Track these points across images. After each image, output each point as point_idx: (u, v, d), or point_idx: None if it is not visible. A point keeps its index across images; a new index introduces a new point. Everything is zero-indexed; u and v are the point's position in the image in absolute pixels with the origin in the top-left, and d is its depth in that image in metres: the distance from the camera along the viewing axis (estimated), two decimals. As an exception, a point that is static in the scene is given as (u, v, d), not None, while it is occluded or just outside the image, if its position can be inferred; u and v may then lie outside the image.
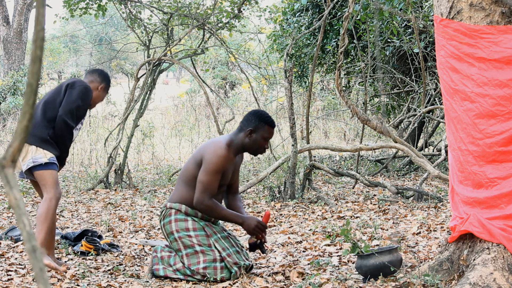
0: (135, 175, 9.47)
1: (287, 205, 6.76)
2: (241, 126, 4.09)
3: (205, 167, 3.96)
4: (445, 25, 3.61)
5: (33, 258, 1.19)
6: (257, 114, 4.08)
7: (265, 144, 4.09)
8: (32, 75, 1.22)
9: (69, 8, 8.62)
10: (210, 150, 3.99)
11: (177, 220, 4.08)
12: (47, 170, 4.22)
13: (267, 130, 4.06)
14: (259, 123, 4.05)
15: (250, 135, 4.05)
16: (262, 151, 4.12)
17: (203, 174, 3.96)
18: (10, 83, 14.55)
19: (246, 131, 4.05)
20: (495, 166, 3.47)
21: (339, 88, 6.20)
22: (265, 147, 4.11)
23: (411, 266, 4.02)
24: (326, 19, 6.99)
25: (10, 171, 1.21)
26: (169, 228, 4.09)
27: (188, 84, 21.88)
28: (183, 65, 8.47)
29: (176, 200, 4.12)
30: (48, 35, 29.55)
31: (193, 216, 4.10)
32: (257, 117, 4.06)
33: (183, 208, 4.09)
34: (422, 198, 6.75)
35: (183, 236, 4.05)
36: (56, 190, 4.22)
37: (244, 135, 4.06)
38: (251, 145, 4.06)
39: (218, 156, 3.96)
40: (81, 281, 4.02)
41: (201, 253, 4.02)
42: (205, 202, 3.95)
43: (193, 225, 4.07)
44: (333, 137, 14.53)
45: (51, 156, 4.25)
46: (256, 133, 4.05)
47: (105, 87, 4.61)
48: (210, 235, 4.07)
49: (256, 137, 4.05)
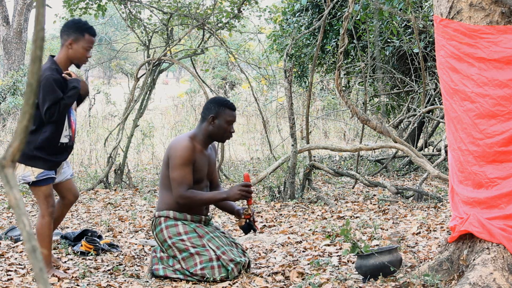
0: (135, 175, 9.47)
1: (287, 205, 6.76)
2: (203, 116, 4.15)
3: (172, 164, 3.99)
4: (445, 25, 3.61)
5: (33, 258, 1.19)
6: (216, 100, 4.16)
7: (229, 128, 4.13)
8: (32, 75, 1.22)
9: (69, 8, 8.62)
10: (173, 146, 4.04)
11: (167, 227, 4.10)
12: (37, 187, 4.08)
13: (228, 113, 4.11)
14: (219, 108, 4.11)
15: (213, 121, 4.10)
16: (229, 135, 4.16)
17: (172, 171, 3.99)
18: (10, 83, 14.55)
19: (208, 119, 4.10)
20: (495, 166, 3.47)
21: (339, 88, 6.20)
22: (231, 131, 4.15)
23: (411, 266, 4.02)
24: (326, 19, 6.99)
25: (10, 171, 1.21)
26: (162, 237, 4.11)
27: (188, 84, 21.88)
28: (183, 65, 8.47)
29: (162, 207, 4.15)
30: (48, 35, 29.54)
31: (183, 220, 4.12)
32: (216, 103, 4.13)
33: (171, 214, 4.11)
34: (422, 198, 6.75)
35: (176, 242, 4.07)
36: (48, 206, 4.10)
37: (207, 124, 4.11)
38: (216, 131, 4.10)
39: (182, 148, 3.99)
40: (81, 281, 4.02)
41: (197, 254, 4.03)
42: (183, 194, 3.97)
43: (184, 229, 4.08)
44: (333, 137, 14.53)
45: (40, 173, 4.05)
46: (218, 119, 4.10)
47: (74, 39, 4.07)
48: (202, 236, 4.08)
49: (219, 123, 4.10)
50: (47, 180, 4.11)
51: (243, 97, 17.60)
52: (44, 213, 4.09)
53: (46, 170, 4.09)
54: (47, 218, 4.09)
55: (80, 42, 4.09)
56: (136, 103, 8.55)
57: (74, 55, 4.11)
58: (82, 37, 4.09)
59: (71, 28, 4.11)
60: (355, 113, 6.13)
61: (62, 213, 4.45)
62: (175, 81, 35.07)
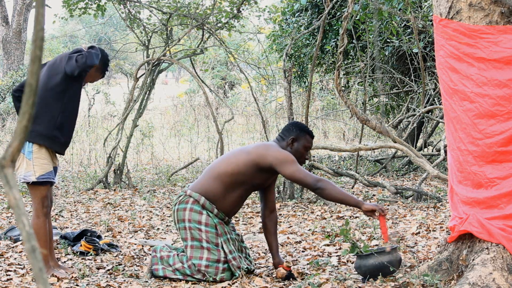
0: (134, 175, 9.47)
1: (286, 205, 6.76)
2: (282, 136, 4.17)
3: (283, 163, 3.93)
4: (444, 25, 3.61)
5: (33, 258, 1.19)
6: (298, 125, 4.21)
7: (305, 154, 4.17)
8: (32, 75, 1.22)
9: (68, 8, 8.62)
10: (269, 146, 4.04)
11: (192, 209, 4.05)
12: (35, 187, 4.12)
13: (308, 140, 4.16)
14: (300, 133, 4.15)
15: (292, 144, 4.12)
16: (303, 161, 4.18)
17: (288, 167, 3.92)
18: (9, 83, 14.55)
19: (288, 141, 4.12)
20: (495, 166, 3.47)
21: (339, 88, 6.20)
22: (306, 157, 4.19)
23: (410, 266, 4.02)
24: (325, 19, 6.99)
25: (9, 171, 1.21)
26: (182, 215, 4.06)
27: (187, 84, 21.88)
28: (182, 65, 8.47)
29: (198, 190, 4.09)
30: (48, 35, 29.55)
31: (209, 211, 4.07)
32: (298, 127, 4.18)
33: (202, 200, 4.06)
34: (421, 198, 6.75)
35: (193, 228, 4.03)
36: (43, 207, 4.12)
37: (285, 144, 4.13)
38: (293, 154, 4.08)
39: (282, 150, 4.01)
40: (81, 281, 4.02)
41: (207, 250, 4.01)
42: (319, 178, 3.90)
43: (206, 220, 4.04)
44: (332, 137, 14.53)
45: (41, 174, 4.09)
46: (297, 142, 4.13)
47: (97, 67, 4.28)
48: (220, 235, 4.06)
49: (297, 146, 4.13)
50: (46, 182, 4.15)
51: (243, 97, 17.60)
52: (39, 213, 4.12)
53: (47, 173, 4.13)
54: (42, 218, 4.12)
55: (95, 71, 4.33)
56: (135, 103, 8.54)
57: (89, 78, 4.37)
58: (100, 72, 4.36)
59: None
60: (355, 113, 6.13)
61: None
62: (174, 81, 35.07)
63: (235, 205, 4.15)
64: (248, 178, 4.04)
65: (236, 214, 6.29)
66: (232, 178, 4.04)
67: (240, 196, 4.11)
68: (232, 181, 4.05)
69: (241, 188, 4.08)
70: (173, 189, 8.22)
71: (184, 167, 9.22)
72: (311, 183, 3.89)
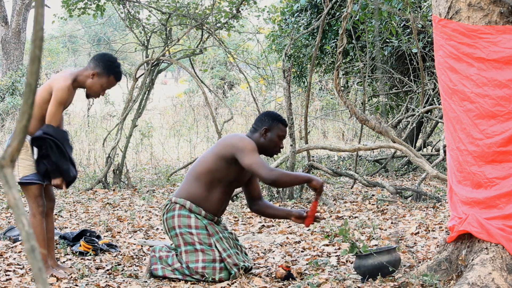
0: (133, 175, 9.47)
1: (286, 205, 6.76)
2: (255, 127, 4.14)
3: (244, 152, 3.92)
4: (444, 25, 3.61)
5: (32, 258, 1.19)
6: (270, 114, 4.17)
7: (280, 143, 4.15)
8: (31, 75, 1.22)
9: (67, 8, 8.62)
10: (235, 137, 4.02)
11: (180, 215, 4.07)
12: (26, 187, 4.10)
13: (281, 128, 4.13)
14: (273, 122, 4.11)
15: (265, 134, 4.10)
16: (278, 150, 4.16)
17: (247, 157, 3.90)
18: (8, 83, 14.54)
19: (261, 131, 4.10)
20: (495, 166, 3.47)
21: (338, 88, 6.20)
22: (281, 146, 4.16)
23: (409, 266, 4.02)
24: (325, 19, 6.99)
25: (9, 171, 1.21)
26: (171, 223, 4.08)
27: (186, 84, 21.87)
28: (181, 65, 8.47)
29: (182, 195, 4.11)
30: (47, 35, 29.53)
31: (197, 213, 4.08)
32: (270, 116, 4.14)
33: (188, 204, 4.07)
34: (421, 198, 6.75)
35: (184, 233, 4.04)
36: (38, 205, 4.10)
37: (259, 135, 4.10)
38: (267, 144, 4.09)
39: (247, 140, 3.99)
40: (80, 281, 4.02)
41: (201, 251, 4.01)
42: (272, 170, 3.89)
43: (195, 223, 4.06)
44: (332, 137, 14.53)
45: (24, 175, 4.04)
46: (271, 132, 4.11)
47: (98, 73, 4.14)
48: (211, 235, 4.06)
49: (271, 136, 4.10)
50: (34, 181, 4.09)
51: (242, 97, 17.60)
52: (35, 212, 4.12)
53: (32, 174, 4.06)
54: (38, 217, 4.11)
55: (102, 79, 4.17)
56: (134, 103, 8.54)
57: (90, 86, 4.17)
58: (107, 76, 4.17)
59: (102, 61, 4.16)
60: (354, 113, 6.13)
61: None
62: (173, 81, 35.06)
63: (221, 203, 4.14)
64: (223, 174, 4.03)
65: (235, 214, 6.30)
66: (209, 176, 4.04)
67: (223, 193, 4.10)
68: (210, 180, 4.05)
69: (221, 185, 4.08)
70: (172, 189, 8.22)
71: (183, 167, 9.22)
72: (264, 177, 3.85)
